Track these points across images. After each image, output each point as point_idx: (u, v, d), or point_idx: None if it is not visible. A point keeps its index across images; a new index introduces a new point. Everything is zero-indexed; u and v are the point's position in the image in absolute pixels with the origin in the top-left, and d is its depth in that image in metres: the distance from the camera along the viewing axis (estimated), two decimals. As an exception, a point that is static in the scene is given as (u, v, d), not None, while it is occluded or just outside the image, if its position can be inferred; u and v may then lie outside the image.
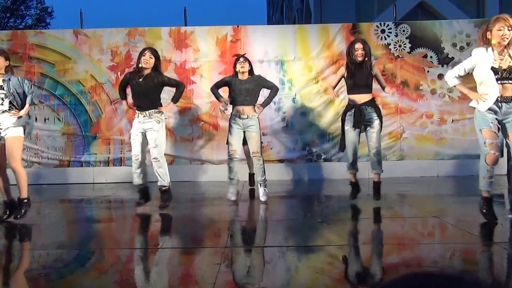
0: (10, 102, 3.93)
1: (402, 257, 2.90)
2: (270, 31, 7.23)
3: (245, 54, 5.16)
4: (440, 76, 6.79)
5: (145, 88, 4.37)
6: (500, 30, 3.24)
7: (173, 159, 6.85)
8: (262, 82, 4.82)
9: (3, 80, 3.96)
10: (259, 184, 4.83)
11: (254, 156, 4.73)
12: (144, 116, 4.38)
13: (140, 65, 4.34)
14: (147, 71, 4.39)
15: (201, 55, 6.85)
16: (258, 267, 2.66)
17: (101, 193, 5.94)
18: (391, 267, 2.70)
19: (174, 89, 4.72)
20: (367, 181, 6.42)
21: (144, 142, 4.45)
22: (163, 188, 4.45)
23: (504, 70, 3.27)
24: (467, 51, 6.90)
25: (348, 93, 4.55)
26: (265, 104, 4.80)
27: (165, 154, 6.97)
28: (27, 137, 4.15)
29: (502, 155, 3.52)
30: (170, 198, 4.51)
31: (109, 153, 6.86)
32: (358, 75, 4.42)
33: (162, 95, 6.78)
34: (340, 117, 4.70)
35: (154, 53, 4.41)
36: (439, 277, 2.43)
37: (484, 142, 3.40)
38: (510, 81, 3.28)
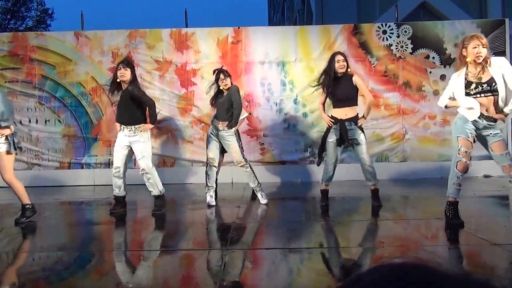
0: None
1: (404, 259, 2.87)
2: (271, 32, 7.20)
3: (222, 66, 5.20)
4: (443, 77, 6.75)
5: (124, 102, 4.40)
6: (475, 47, 3.37)
7: (174, 161, 6.83)
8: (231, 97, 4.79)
9: None
10: (255, 191, 4.86)
11: (239, 165, 4.75)
12: (129, 130, 4.38)
13: (118, 80, 4.40)
14: (124, 85, 4.41)
15: (202, 57, 6.83)
16: (259, 269, 2.63)
17: (101, 195, 5.91)
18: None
19: (174, 91, 4.70)
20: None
21: (128, 155, 4.47)
22: (156, 195, 4.48)
23: (484, 83, 3.37)
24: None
25: (333, 107, 4.46)
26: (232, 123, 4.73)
27: (166, 156, 7.09)
28: (16, 147, 4.13)
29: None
30: (164, 204, 4.51)
31: (110, 155, 6.83)
32: (341, 88, 4.33)
33: (163, 97, 6.83)
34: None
35: (128, 64, 4.44)
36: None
37: (459, 150, 3.52)
38: (492, 94, 3.38)
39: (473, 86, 3.40)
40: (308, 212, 4.74)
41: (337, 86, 4.33)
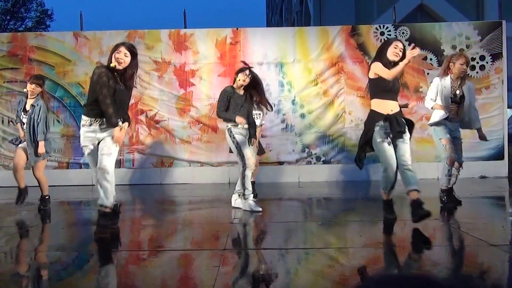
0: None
1: (402, 260, 2.89)
2: (270, 33, 7.24)
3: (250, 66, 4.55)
4: (440, 78, 6.79)
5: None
6: (462, 64, 4.15)
7: (172, 161, 6.85)
8: None
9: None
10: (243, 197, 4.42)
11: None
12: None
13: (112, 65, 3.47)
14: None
15: (201, 57, 6.86)
16: (257, 270, 2.65)
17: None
18: (390, 268, 2.69)
19: (172, 92, 4.66)
20: (366, 183, 6.43)
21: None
22: (103, 209, 3.33)
23: (457, 95, 4.23)
24: (467, 53, 6.90)
25: (378, 98, 3.60)
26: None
27: (165, 157, 7.11)
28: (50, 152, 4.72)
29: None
30: (112, 222, 3.48)
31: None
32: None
33: (162, 98, 6.85)
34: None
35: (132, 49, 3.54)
36: (439, 279, 2.42)
37: (445, 148, 4.19)
38: (458, 105, 4.28)
39: (451, 94, 4.25)
40: (305, 213, 4.76)
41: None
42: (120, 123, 3.35)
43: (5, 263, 2.95)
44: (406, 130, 3.58)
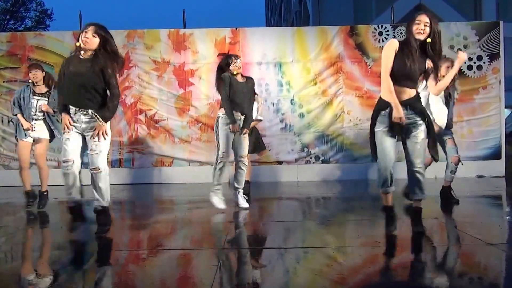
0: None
1: (400, 259, 2.92)
2: (269, 33, 7.26)
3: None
4: (438, 78, 6.82)
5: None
6: (448, 68, 4.13)
7: (171, 161, 6.86)
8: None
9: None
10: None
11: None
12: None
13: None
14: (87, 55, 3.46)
15: (200, 57, 6.87)
16: (255, 269, 2.68)
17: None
18: (388, 268, 2.72)
19: (171, 91, 4.66)
20: (365, 182, 6.46)
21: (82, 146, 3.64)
22: (100, 208, 3.47)
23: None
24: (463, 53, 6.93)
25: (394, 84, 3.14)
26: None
27: (164, 156, 7.12)
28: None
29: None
30: (110, 220, 3.55)
31: (108, 154, 6.84)
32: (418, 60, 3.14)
33: (161, 97, 6.87)
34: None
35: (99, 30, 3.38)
36: (438, 279, 2.45)
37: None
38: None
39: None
40: (304, 212, 4.79)
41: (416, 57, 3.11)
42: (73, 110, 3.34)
43: (4, 263, 2.96)
44: (420, 125, 3.17)
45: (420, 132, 3.17)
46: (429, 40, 3.06)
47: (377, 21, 13.01)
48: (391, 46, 3.10)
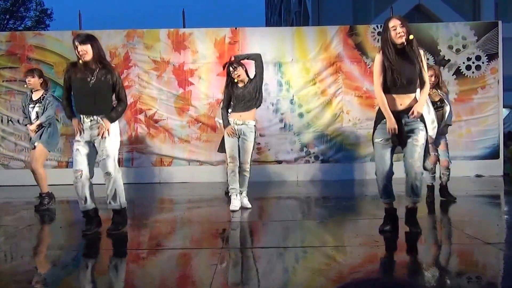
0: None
1: (398, 258, 2.94)
2: (268, 33, 7.28)
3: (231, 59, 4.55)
4: (437, 78, 6.84)
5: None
6: (430, 76, 4.13)
7: (171, 160, 6.88)
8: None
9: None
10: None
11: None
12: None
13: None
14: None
15: (199, 57, 6.88)
16: (254, 268, 2.69)
17: (98, 194, 5.93)
18: (386, 267, 2.73)
19: (171, 91, 4.67)
20: (364, 181, 6.47)
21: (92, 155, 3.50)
22: (117, 208, 3.51)
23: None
24: (463, 54, 6.97)
25: (387, 93, 3.28)
26: None
27: (164, 156, 7.13)
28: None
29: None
30: (125, 221, 3.58)
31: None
32: (405, 65, 3.21)
33: (161, 97, 6.88)
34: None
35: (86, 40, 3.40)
36: (435, 278, 2.46)
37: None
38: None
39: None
40: (303, 211, 4.81)
41: (400, 62, 3.17)
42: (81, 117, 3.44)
43: (4, 262, 2.97)
44: (421, 130, 3.18)
45: (421, 137, 3.19)
46: (411, 36, 3.17)
47: (376, 21, 13.02)
48: (377, 60, 3.27)
